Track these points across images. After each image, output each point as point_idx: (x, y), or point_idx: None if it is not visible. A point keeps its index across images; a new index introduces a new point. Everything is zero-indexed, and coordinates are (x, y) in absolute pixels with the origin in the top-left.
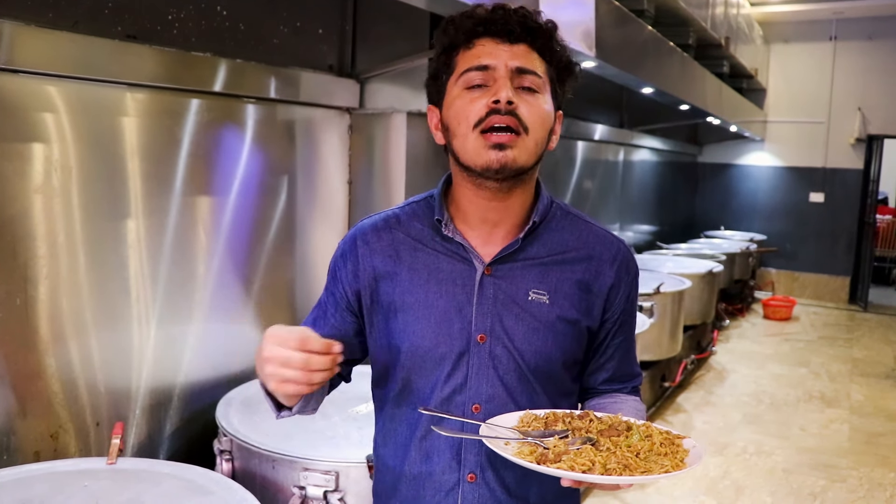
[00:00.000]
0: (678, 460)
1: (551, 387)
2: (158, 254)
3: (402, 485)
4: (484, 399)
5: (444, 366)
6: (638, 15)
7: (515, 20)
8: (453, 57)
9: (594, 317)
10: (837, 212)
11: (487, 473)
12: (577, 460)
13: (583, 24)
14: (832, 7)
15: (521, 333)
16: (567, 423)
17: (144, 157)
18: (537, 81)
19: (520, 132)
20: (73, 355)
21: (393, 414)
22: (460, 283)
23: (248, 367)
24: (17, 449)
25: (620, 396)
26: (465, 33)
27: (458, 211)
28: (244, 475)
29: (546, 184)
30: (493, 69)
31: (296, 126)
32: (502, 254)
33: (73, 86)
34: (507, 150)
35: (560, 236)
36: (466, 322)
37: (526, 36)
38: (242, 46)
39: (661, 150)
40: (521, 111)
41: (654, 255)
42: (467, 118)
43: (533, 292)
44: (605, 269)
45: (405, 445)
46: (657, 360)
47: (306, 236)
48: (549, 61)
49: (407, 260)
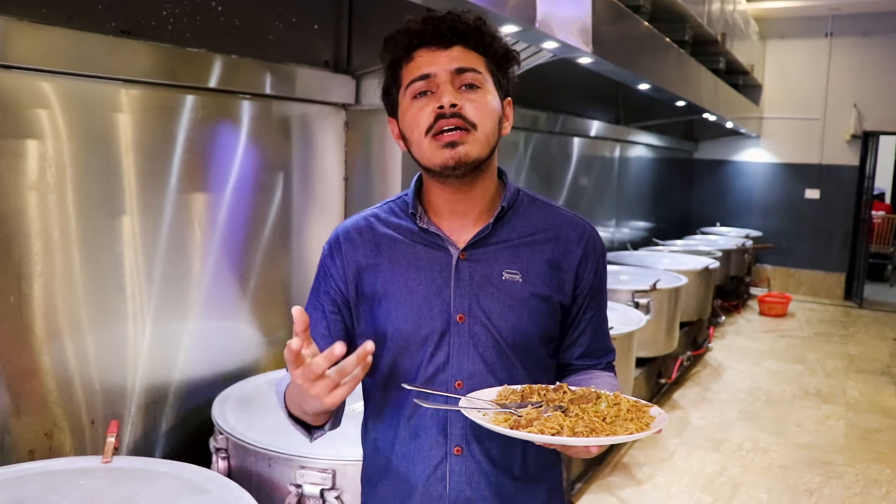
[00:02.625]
0: (643, 424)
1: (530, 362)
2: (153, 251)
3: (391, 464)
4: (466, 375)
5: (428, 346)
6: (634, 11)
7: (446, 26)
8: (398, 71)
9: (566, 293)
10: (833, 208)
11: (472, 446)
12: (546, 425)
13: (579, 19)
14: (828, 3)
15: (497, 311)
16: (542, 395)
17: (139, 153)
18: (478, 77)
19: (469, 129)
20: (68, 353)
21: (381, 398)
22: (437, 269)
23: (244, 365)
24: (11, 447)
25: (595, 372)
26: (404, 48)
27: (430, 205)
28: (240, 473)
29: (542, 180)
30: (434, 76)
31: (291, 122)
32: (475, 238)
33: (68, 82)
34: (458, 147)
35: (528, 220)
36: (446, 304)
37: (458, 38)
38: (238, 42)
39: (657, 146)
40: (466, 111)
41: (651, 252)
42: (419, 126)
43: (506, 272)
44: (573, 248)
45: (394, 426)
46: (653, 357)
47: (302, 233)
48: (485, 55)
49: (387, 252)
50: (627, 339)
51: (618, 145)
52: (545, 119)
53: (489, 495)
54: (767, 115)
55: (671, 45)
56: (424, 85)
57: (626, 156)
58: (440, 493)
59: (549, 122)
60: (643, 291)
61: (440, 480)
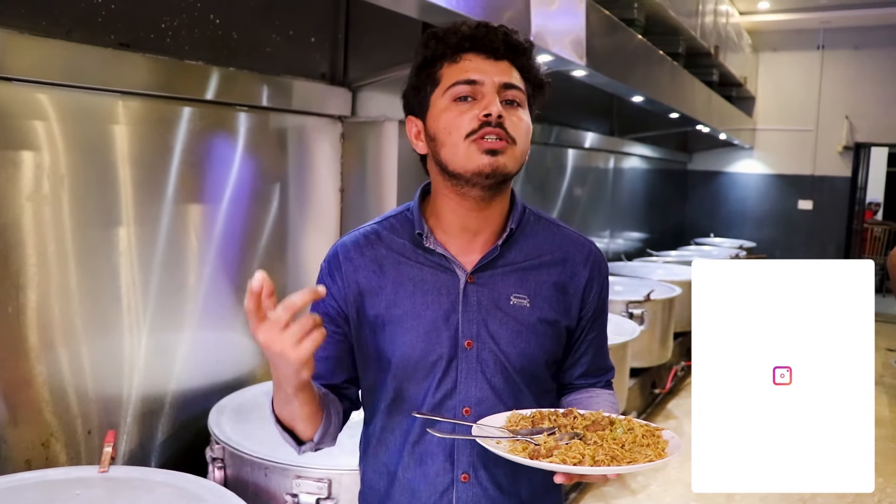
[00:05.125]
0: (660, 450)
1: (535, 386)
2: (150, 261)
3: (394, 490)
4: (474, 402)
5: (436, 373)
6: (628, 24)
7: (500, 38)
8: (437, 70)
9: (572, 316)
10: (826, 219)
11: (480, 472)
12: (567, 454)
13: (573, 32)
14: (819, 17)
15: (505, 337)
16: (553, 420)
17: (136, 164)
18: (520, 96)
19: (509, 142)
20: (65, 363)
21: (385, 423)
22: (445, 293)
23: (240, 375)
24: (7, 457)
25: (595, 391)
26: (452, 48)
27: (438, 221)
28: (237, 483)
29: (537, 191)
30: (481, 84)
31: (288, 134)
32: (483, 261)
33: (66, 94)
34: (498, 156)
35: (535, 241)
36: (454, 329)
37: (509, 53)
38: (235, 55)
39: (651, 157)
40: (507, 124)
41: (644, 263)
42: (458, 129)
43: (514, 297)
44: (580, 270)
45: (398, 452)
46: (647, 367)
47: (298, 244)
48: (526, 78)
49: (391, 274)
50: (621, 349)
51: (612, 157)
52: (540, 131)
53: None
54: (760, 127)
55: (665, 57)
56: (469, 90)
57: (620, 167)
58: None
59: (543, 133)
60: (637, 302)
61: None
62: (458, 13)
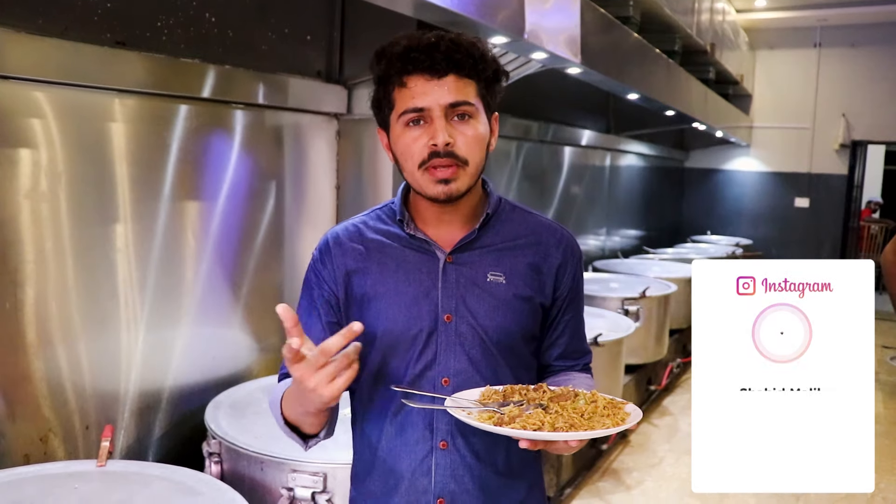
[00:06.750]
0: (619, 419)
1: (513, 360)
2: (147, 258)
3: (378, 459)
4: (452, 373)
5: (416, 345)
6: (624, 22)
7: (440, 56)
8: (391, 92)
9: (546, 294)
10: (822, 217)
11: (458, 440)
12: (528, 421)
13: (568, 30)
14: (816, 14)
15: (482, 311)
16: (523, 394)
17: (133, 162)
18: (469, 109)
19: (461, 165)
20: (62, 359)
21: (369, 395)
22: (426, 271)
23: (236, 371)
24: (6, 452)
25: (573, 374)
26: (397, 72)
27: (417, 213)
28: (233, 477)
29: (533, 189)
30: (429, 109)
31: (284, 132)
32: (461, 243)
33: (62, 92)
34: (450, 184)
35: (510, 227)
36: (433, 304)
37: (452, 67)
38: (231, 53)
39: (648, 155)
40: (458, 147)
41: (641, 260)
42: (412, 157)
43: (491, 274)
44: (553, 252)
45: (381, 422)
46: (643, 364)
47: (294, 241)
48: (477, 79)
49: (376, 256)
50: (617, 345)
51: (608, 154)
52: (536, 128)
53: (473, 489)
54: (757, 125)
55: (660, 55)
56: (417, 116)
57: (616, 165)
58: (425, 486)
59: (540, 131)
60: (633, 299)
61: (425, 474)
62: (453, 11)
